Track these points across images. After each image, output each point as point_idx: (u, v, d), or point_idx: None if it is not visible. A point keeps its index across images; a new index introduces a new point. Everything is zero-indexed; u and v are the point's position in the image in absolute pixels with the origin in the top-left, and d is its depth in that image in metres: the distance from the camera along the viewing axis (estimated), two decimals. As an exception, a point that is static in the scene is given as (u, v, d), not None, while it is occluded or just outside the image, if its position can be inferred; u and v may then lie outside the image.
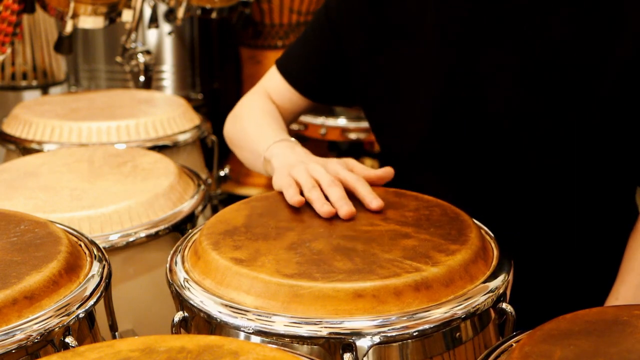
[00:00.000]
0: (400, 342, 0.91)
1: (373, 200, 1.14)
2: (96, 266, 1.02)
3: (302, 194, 1.16)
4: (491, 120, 1.28)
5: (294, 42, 1.55)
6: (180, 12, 2.24)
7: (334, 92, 1.49)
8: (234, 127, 1.48)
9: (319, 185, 1.17)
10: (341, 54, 1.42)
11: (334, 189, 1.15)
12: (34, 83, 2.42)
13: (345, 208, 1.11)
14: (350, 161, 1.25)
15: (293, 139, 1.35)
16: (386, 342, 0.90)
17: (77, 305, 0.93)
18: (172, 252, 1.09)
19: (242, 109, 1.49)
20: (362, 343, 0.89)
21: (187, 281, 1.00)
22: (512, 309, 0.98)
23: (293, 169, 1.20)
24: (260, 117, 1.44)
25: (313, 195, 1.14)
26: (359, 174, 1.21)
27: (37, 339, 0.88)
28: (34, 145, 1.71)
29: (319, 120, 2.53)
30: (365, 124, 2.43)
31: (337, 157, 1.27)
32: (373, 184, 1.21)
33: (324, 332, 0.89)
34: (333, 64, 1.44)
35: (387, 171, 1.24)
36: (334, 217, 1.11)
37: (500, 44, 1.26)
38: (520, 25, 1.25)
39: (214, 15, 2.36)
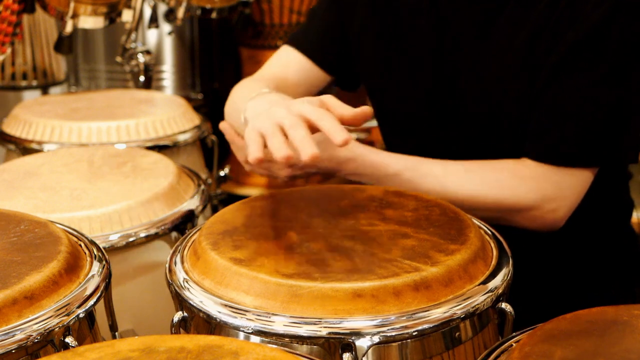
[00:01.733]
0: (399, 342, 0.91)
1: (337, 133, 1.01)
2: (96, 266, 1.02)
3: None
4: (461, 111, 1.31)
5: (302, 23, 1.57)
6: (180, 12, 2.24)
7: (343, 67, 1.50)
8: (227, 107, 1.45)
9: (282, 129, 1.05)
10: (345, 32, 1.45)
11: (296, 130, 1.02)
12: (34, 83, 2.42)
13: (307, 150, 0.99)
14: (326, 97, 1.12)
15: (273, 91, 1.26)
16: (385, 342, 0.90)
17: (77, 305, 0.93)
18: (171, 252, 1.09)
19: (234, 89, 1.48)
20: (362, 343, 0.89)
21: (186, 281, 1.00)
22: (511, 308, 0.98)
23: (257, 119, 1.09)
24: (245, 86, 1.42)
25: (272, 142, 1.02)
26: (333, 111, 1.08)
27: (37, 339, 0.88)
28: (34, 145, 1.71)
29: (319, 120, 2.52)
30: (365, 124, 2.43)
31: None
32: (350, 124, 1.10)
33: (324, 332, 0.89)
34: (340, 41, 1.47)
35: (364, 110, 1.10)
36: (334, 218, 1.11)
37: (469, 45, 1.29)
38: (488, 29, 1.28)
39: (214, 15, 2.36)
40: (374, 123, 2.37)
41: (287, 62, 1.50)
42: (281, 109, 1.07)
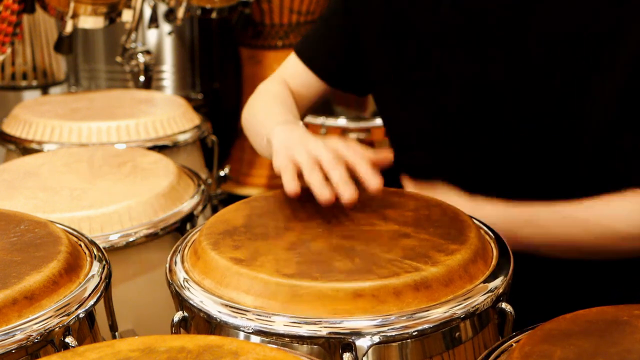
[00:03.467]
0: (399, 342, 0.91)
1: (373, 178, 1.06)
2: (96, 266, 1.02)
3: (301, 177, 1.08)
4: (498, 116, 1.29)
5: (311, 27, 1.55)
6: (180, 12, 2.24)
7: (349, 77, 1.48)
8: (247, 113, 1.46)
9: (320, 166, 1.08)
10: (357, 40, 1.42)
11: (336, 170, 1.06)
12: (34, 83, 2.42)
13: (347, 193, 1.03)
14: (351, 141, 1.16)
15: (300, 122, 1.29)
16: (386, 341, 0.90)
17: (77, 305, 0.94)
18: (171, 252, 1.09)
19: (257, 95, 1.48)
20: (362, 343, 0.89)
21: (186, 281, 1.00)
22: (511, 308, 0.98)
23: (292, 149, 1.12)
24: (270, 101, 1.41)
25: (312, 179, 1.06)
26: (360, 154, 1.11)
27: (37, 339, 0.88)
28: (34, 145, 1.71)
29: (319, 120, 2.53)
30: (365, 124, 2.43)
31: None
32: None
33: (324, 332, 0.89)
34: (349, 49, 1.44)
35: (386, 157, 1.15)
36: (334, 217, 1.11)
37: (504, 39, 1.27)
38: (525, 20, 1.25)
39: (214, 15, 2.36)
40: (374, 123, 2.38)
41: (291, 69, 1.49)
42: (319, 145, 1.09)
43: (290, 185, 1.07)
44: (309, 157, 1.08)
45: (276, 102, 1.41)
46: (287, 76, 1.49)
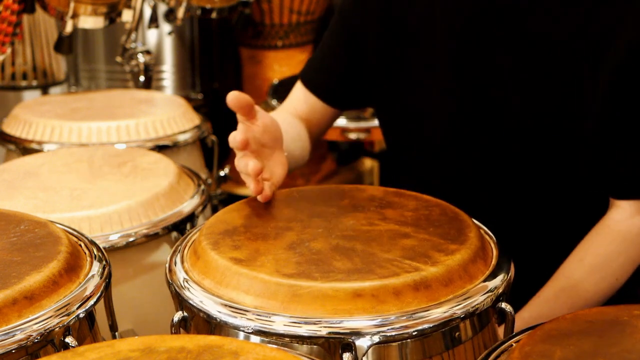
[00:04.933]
0: (399, 342, 0.91)
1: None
2: (96, 266, 1.02)
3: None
4: (497, 122, 1.29)
5: (314, 53, 1.55)
6: (180, 12, 2.24)
7: (352, 97, 1.49)
8: None
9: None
10: (357, 56, 1.42)
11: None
12: (34, 83, 2.41)
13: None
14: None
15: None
16: (385, 341, 0.90)
17: (77, 305, 0.94)
18: (171, 252, 1.09)
19: None
20: (362, 343, 0.89)
21: (186, 281, 1.00)
22: (511, 308, 0.98)
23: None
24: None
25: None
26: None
27: (37, 339, 0.88)
28: (34, 145, 1.71)
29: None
30: (365, 124, 2.43)
31: (337, 157, 1.27)
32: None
33: (324, 332, 0.89)
34: (350, 69, 1.45)
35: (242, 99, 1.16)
36: (334, 217, 1.11)
37: (502, 44, 1.27)
38: (522, 25, 1.25)
39: (214, 15, 2.36)
40: (374, 123, 2.38)
41: (298, 95, 1.51)
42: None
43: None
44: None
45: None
46: (295, 103, 1.51)
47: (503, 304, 0.99)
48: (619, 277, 1.25)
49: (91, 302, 0.96)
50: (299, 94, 1.50)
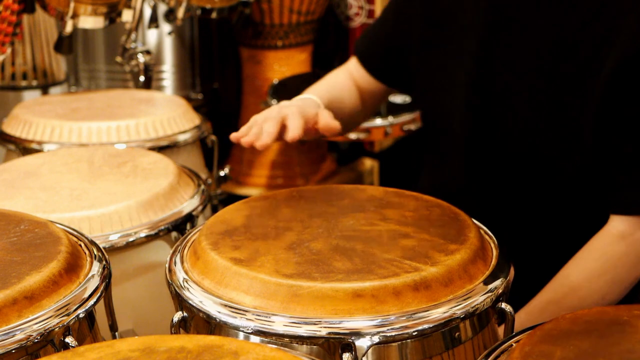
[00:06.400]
0: (399, 342, 0.91)
1: (292, 131, 1.21)
2: (96, 266, 1.02)
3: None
4: (508, 122, 1.30)
5: (369, 25, 1.62)
6: (180, 12, 2.24)
7: (396, 75, 1.52)
8: None
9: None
10: (402, 33, 1.47)
11: (265, 124, 1.21)
12: (34, 83, 2.41)
13: (259, 140, 1.20)
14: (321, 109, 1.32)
15: (313, 97, 1.39)
16: (385, 342, 0.90)
17: (77, 305, 0.94)
18: (171, 252, 1.09)
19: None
20: (361, 343, 0.89)
21: (186, 281, 1.00)
22: (511, 308, 0.98)
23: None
24: (321, 80, 1.53)
25: (244, 129, 1.24)
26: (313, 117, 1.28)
27: (37, 339, 0.88)
28: (34, 145, 1.71)
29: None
30: (365, 124, 2.43)
31: (337, 157, 1.28)
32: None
33: (323, 332, 0.89)
34: (396, 47, 1.48)
35: (330, 125, 1.28)
36: (334, 218, 1.11)
37: (516, 42, 1.28)
38: (535, 23, 1.27)
39: (214, 15, 2.36)
40: (374, 123, 2.38)
41: (353, 63, 1.56)
42: (273, 108, 1.28)
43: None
44: (255, 117, 1.26)
45: (322, 82, 1.53)
46: (352, 67, 1.57)
47: (503, 304, 0.99)
48: (622, 281, 1.25)
49: (91, 302, 0.96)
50: (354, 62, 1.56)
